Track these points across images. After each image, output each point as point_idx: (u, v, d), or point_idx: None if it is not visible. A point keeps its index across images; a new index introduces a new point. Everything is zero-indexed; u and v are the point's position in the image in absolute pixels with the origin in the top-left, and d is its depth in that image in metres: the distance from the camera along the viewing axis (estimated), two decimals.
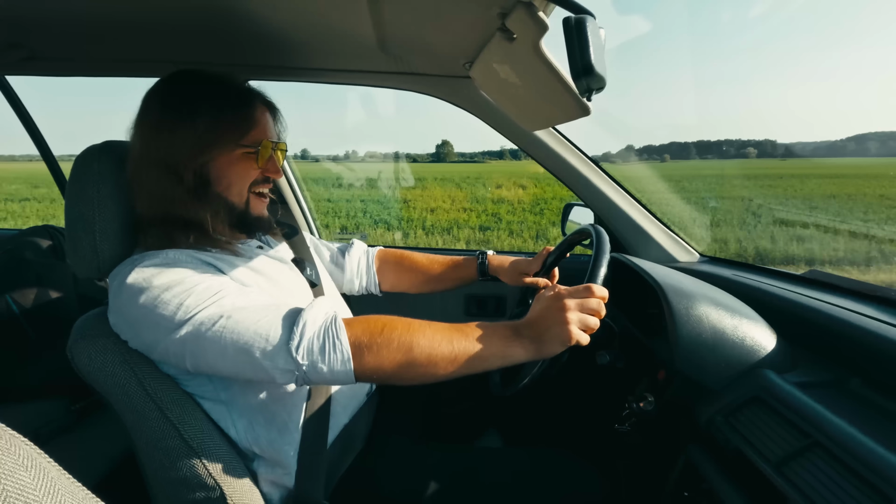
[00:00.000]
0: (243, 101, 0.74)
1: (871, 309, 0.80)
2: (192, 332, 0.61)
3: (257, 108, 0.76)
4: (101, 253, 0.71)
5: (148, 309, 0.62)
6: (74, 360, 0.67)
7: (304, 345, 0.61)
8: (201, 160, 0.71)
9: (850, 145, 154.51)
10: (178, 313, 0.62)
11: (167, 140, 0.70)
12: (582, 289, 0.69)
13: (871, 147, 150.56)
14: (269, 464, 0.75)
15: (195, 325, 0.61)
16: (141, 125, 0.73)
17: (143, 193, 0.72)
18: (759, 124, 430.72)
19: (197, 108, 0.71)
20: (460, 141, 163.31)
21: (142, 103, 0.73)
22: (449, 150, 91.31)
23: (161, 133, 0.70)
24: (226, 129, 0.72)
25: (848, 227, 13.75)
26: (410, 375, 0.64)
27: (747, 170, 47.37)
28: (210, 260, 0.71)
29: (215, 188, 0.73)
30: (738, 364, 0.75)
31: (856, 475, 0.52)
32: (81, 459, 1.18)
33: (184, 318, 0.62)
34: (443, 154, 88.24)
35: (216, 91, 0.73)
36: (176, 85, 0.73)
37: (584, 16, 0.52)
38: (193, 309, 0.62)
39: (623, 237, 1.29)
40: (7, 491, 0.25)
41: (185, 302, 0.62)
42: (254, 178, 0.76)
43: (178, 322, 0.62)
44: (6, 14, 0.83)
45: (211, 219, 0.73)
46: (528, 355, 0.66)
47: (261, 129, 0.75)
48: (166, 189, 0.71)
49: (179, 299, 0.62)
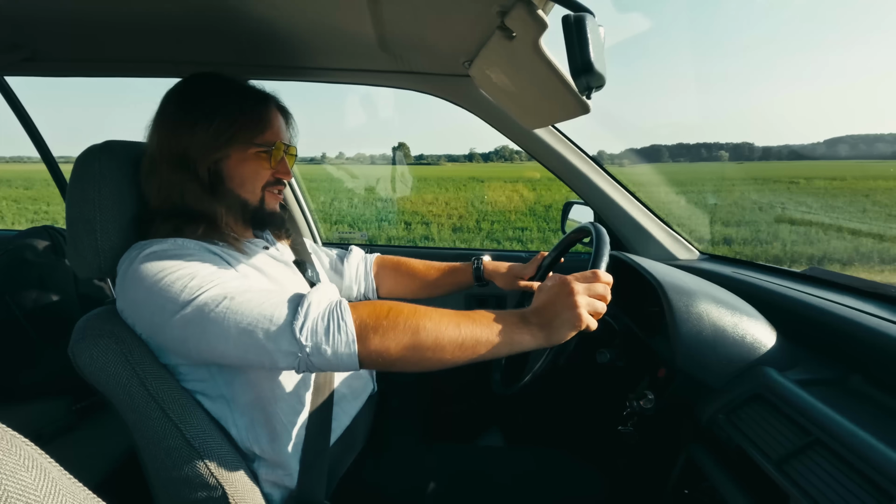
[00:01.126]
0: (259, 103, 0.77)
1: (871, 306, 0.80)
2: (195, 313, 0.61)
3: (272, 110, 0.79)
4: (103, 253, 0.71)
5: (152, 291, 0.63)
6: (76, 360, 0.67)
7: (308, 325, 0.60)
8: (216, 157, 0.74)
9: (820, 148, 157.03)
10: (182, 294, 0.62)
11: (184, 137, 0.73)
12: (588, 274, 0.69)
13: (842, 150, 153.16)
14: (270, 464, 0.75)
15: (199, 306, 0.61)
16: (160, 123, 0.75)
17: (158, 188, 0.74)
18: (735, 128, 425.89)
19: (215, 106, 0.73)
20: (426, 143, 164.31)
21: (161, 102, 0.76)
22: (406, 153, 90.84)
23: (178, 130, 0.73)
24: (241, 128, 0.74)
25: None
26: (416, 359, 0.62)
27: (724, 173, 47.59)
28: (216, 250, 0.72)
29: (229, 185, 0.76)
30: (739, 362, 0.75)
31: (857, 472, 0.52)
32: (83, 459, 1.18)
33: (187, 300, 0.62)
34: (399, 156, 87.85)
35: (233, 92, 0.76)
36: (195, 85, 0.76)
37: (583, 14, 0.51)
38: (197, 290, 0.62)
39: (623, 235, 1.29)
40: (8, 491, 0.25)
41: (189, 284, 0.63)
42: (266, 178, 0.78)
43: (182, 303, 0.62)
44: (6, 14, 0.83)
45: (224, 213, 0.75)
46: (536, 342, 0.65)
47: (274, 130, 0.78)
48: (181, 184, 0.73)
49: (183, 282, 0.63)
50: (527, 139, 1.21)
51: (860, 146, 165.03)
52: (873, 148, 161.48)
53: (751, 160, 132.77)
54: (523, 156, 15.76)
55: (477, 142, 27.58)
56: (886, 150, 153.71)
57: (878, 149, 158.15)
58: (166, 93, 0.77)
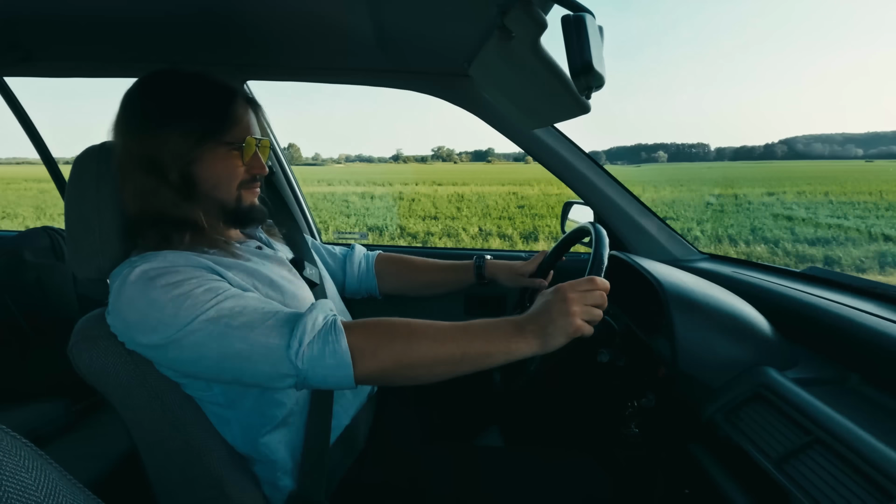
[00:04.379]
0: (224, 98, 0.73)
1: (871, 305, 0.80)
2: (190, 338, 0.61)
3: (239, 104, 0.74)
4: (102, 253, 0.71)
5: (145, 313, 0.62)
6: (75, 361, 0.67)
7: (303, 349, 0.60)
8: (186, 159, 0.70)
9: (781, 148, 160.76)
10: (177, 319, 0.61)
11: (150, 142, 0.69)
12: (584, 281, 0.68)
13: (779, 150, 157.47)
14: (269, 465, 0.75)
15: (193, 331, 0.61)
16: (121, 127, 0.71)
17: (132, 196, 0.71)
18: (675, 129, 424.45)
19: (177, 107, 0.69)
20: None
21: (121, 105, 0.72)
22: (295, 153, 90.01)
23: (142, 134, 0.69)
24: (208, 128, 0.70)
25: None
26: (414, 376, 0.63)
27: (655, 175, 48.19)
28: (208, 263, 0.70)
29: (202, 187, 0.72)
30: (739, 361, 0.75)
31: (857, 471, 0.52)
32: (82, 460, 1.18)
33: (182, 324, 0.61)
34: (289, 157, 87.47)
35: (196, 89, 0.72)
36: (155, 85, 0.72)
37: (582, 13, 0.51)
38: (192, 314, 0.61)
39: (623, 235, 1.29)
40: (8, 492, 0.25)
41: (183, 306, 0.62)
42: (241, 176, 0.75)
43: (177, 328, 0.61)
44: (2, 14, 0.82)
45: (204, 216, 0.72)
46: (532, 350, 0.66)
47: (244, 126, 0.74)
48: (153, 190, 0.70)
49: (177, 304, 0.62)
50: (526, 139, 1.21)
51: (798, 147, 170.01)
52: (811, 148, 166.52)
53: (690, 161, 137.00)
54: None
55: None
56: (824, 151, 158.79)
57: (815, 149, 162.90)
58: (125, 94, 0.72)
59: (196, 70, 0.74)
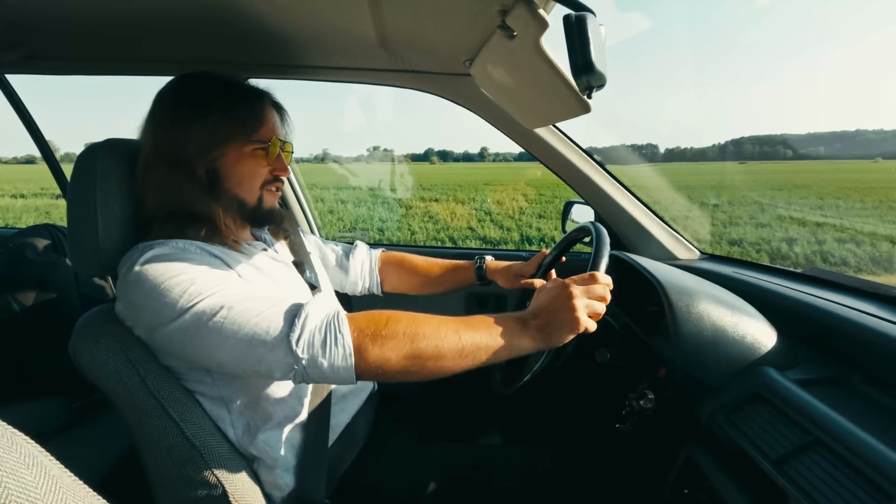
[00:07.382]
0: (254, 100, 0.76)
1: (871, 306, 0.80)
2: (193, 321, 0.61)
3: (266, 107, 0.78)
4: (104, 251, 0.71)
5: (152, 295, 0.63)
6: (76, 358, 0.67)
7: (304, 337, 0.60)
8: (212, 156, 0.73)
9: (729, 147, 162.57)
10: (181, 301, 0.62)
11: (180, 137, 0.72)
12: (587, 276, 0.69)
13: (747, 150, 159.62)
14: (269, 463, 0.75)
15: (197, 314, 0.61)
16: (154, 122, 0.74)
17: (153, 189, 0.73)
18: (637, 129, 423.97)
19: (209, 105, 0.72)
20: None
21: (154, 101, 0.75)
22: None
23: (174, 130, 0.72)
24: (236, 126, 0.73)
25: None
26: (416, 369, 0.62)
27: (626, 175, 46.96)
28: (217, 252, 0.72)
29: (226, 184, 0.75)
30: (739, 361, 0.75)
31: (856, 472, 0.52)
32: (83, 458, 1.18)
33: (186, 306, 0.61)
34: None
35: (227, 90, 0.75)
36: (188, 84, 0.75)
37: (584, 13, 0.51)
38: (196, 297, 0.62)
39: (624, 234, 1.29)
40: (9, 490, 0.25)
41: (188, 290, 0.62)
42: (264, 176, 0.78)
43: (181, 309, 0.61)
44: (6, 12, 0.83)
45: (222, 213, 0.74)
46: (535, 345, 0.65)
47: (270, 127, 0.77)
48: (179, 184, 0.72)
49: (183, 287, 0.62)
50: (527, 138, 1.20)
51: (764, 146, 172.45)
52: (776, 150, 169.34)
53: (654, 161, 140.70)
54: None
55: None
56: (786, 152, 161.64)
57: (780, 151, 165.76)
58: (159, 92, 0.76)
59: (234, 74, 0.79)
